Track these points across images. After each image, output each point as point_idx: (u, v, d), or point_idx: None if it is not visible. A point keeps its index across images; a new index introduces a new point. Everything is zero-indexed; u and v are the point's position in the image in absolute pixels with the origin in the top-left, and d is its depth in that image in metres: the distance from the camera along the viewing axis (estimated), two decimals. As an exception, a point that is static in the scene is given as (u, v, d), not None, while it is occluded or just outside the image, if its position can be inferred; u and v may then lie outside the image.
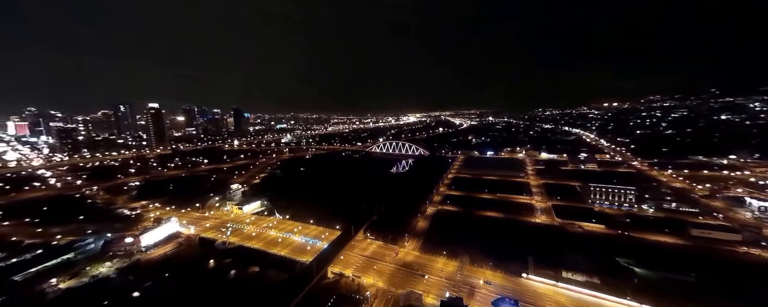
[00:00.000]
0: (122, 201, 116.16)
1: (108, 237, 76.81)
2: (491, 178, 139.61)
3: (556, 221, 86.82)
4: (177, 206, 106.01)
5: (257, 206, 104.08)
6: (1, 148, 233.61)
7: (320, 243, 73.53)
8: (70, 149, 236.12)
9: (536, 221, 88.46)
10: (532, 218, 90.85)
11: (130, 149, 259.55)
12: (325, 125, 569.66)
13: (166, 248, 75.81)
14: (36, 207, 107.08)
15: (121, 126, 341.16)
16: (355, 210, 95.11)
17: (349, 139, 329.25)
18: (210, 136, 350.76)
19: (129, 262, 68.34)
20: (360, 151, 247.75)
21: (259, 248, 72.79)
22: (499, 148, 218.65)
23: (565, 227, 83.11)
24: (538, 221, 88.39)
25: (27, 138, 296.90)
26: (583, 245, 70.90)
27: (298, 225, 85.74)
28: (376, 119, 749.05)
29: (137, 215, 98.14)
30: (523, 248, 67.82)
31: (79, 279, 62.07)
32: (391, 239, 73.89)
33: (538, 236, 77.03)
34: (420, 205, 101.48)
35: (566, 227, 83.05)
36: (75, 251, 71.49)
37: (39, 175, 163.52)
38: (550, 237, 76.64)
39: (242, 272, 65.05)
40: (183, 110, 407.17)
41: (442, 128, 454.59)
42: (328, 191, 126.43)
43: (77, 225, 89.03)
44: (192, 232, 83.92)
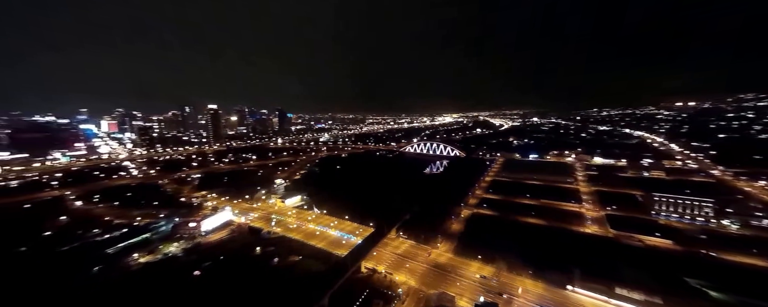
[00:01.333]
0: (186, 191, 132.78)
1: (176, 221, 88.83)
2: (534, 182, 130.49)
3: (609, 233, 78.27)
4: (230, 196, 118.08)
5: (298, 201, 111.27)
6: (97, 142, 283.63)
7: (354, 238, 76.22)
8: (147, 144, 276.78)
9: (585, 231, 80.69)
10: (581, 227, 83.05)
11: (193, 145, 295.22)
12: (361, 125, 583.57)
13: (222, 233, 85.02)
14: (122, 193, 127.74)
15: (186, 124, 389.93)
16: (388, 209, 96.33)
17: (384, 139, 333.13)
18: (257, 135, 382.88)
19: (192, 244, 78.20)
20: (394, 151, 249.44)
21: (299, 239, 77.90)
22: (544, 151, 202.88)
23: (621, 239, 74.50)
24: (587, 231, 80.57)
25: (115, 134, 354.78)
26: (642, 261, 62.92)
27: (334, 220, 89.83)
28: (411, 120, 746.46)
29: (198, 204, 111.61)
30: (569, 258, 62.47)
31: (154, 256, 72.79)
32: (424, 240, 73.59)
33: (587, 248, 70.26)
34: (454, 207, 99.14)
35: (622, 239, 74.40)
36: (151, 231, 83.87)
37: (124, 166, 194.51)
38: (601, 249, 69.45)
39: (284, 260, 70.25)
40: (235, 111, 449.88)
41: (480, 129, 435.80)
42: (362, 189, 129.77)
43: (153, 209, 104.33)
44: (242, 221, 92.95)
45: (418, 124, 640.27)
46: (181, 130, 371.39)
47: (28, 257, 72.58)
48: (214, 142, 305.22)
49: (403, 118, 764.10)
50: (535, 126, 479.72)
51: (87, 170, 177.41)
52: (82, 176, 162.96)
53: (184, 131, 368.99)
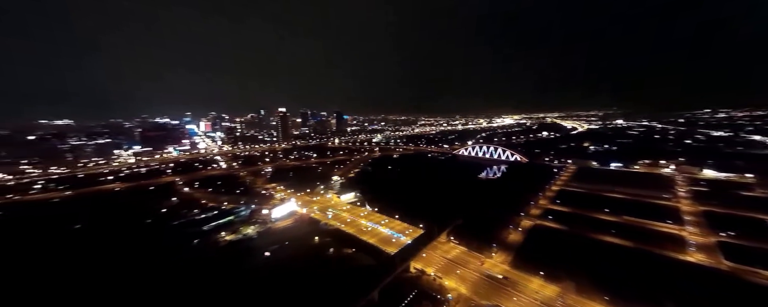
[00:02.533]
0: (260, 182, 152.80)
1: (252, 208, 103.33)
2: (615, 195, 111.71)
3: (722, 264, 62.20)
4: (294, 189, 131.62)
5: (352, 197, 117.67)
6: (197, 140, 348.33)
7: (404, 238, 77.07)
8: (232, 142, 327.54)
9: (686, 259, 65.72)
10: (680, 253, 67.96)
11: (266, 143, 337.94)
12: (413, 127, 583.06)
13: (287, 222, 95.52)
14: (214, 181, 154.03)
15: (261, 125, 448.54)
16: (439, 211, 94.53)
17: (436, 141, 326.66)
18: (318, 135, 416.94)
19: (264, 228, 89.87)
20: (446, 154, 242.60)
21: (352, 233, 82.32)
22: (630, 160, 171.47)
23: (740, 274, 58.38)
24: (689, 260, 65.50)
25: (210, 133, 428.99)
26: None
27: (384, 218, 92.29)
28: (465, 121, 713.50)
29: (269, 194, 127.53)
30: (660, 288, 51.85)
31: (236, 235, 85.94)
32: (477, 247, 70.05)
33: (688, 279, 57.16)
34: (513, 216, 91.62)
35: (741, 274, 58.25)
36: (234, 214, 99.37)
37: (215, 159, 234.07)
38: (708, 283, 55.69)
39: (338, 251, 75.30)
40: (300, 113, 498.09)
41: (547, 132, 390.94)
42: (412, 190, 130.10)
43: (235, 196, 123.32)
44: (304, 212, 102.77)
45: (473, 126, 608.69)
46: (257, 130, 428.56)
47: (151, 227, 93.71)
48: (282, 141, 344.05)
49: (457, 120, 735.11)
50: (619, 130, 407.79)
51: (190, 162, 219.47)
52: (186, 166, 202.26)
53: (259, 131, 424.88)
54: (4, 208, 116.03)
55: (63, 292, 59.23)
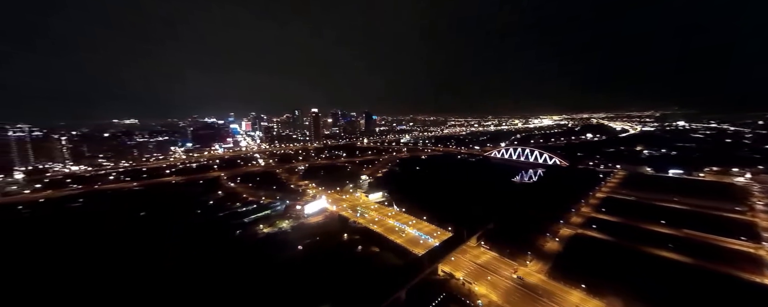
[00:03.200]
0: (294, 179, 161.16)
1: (287, 203, 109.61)
2: (674, 206, 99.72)
3: (818, 293, 52.38)
4: (325, 187, 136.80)
5: (379, 197, 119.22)
6: (239, 138, 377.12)
7: (432, 240, 76.42)
8: (270, 141, 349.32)
9: (765, 283, 56.49)
10: (756, 275, 58.72)
11: (299, 142, 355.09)
12: (442, 127, 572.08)
13: (318, 218, 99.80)
14: (253, 177, 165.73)
15: (295, 125, 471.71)
16: (469, 215, 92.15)
17: (466, 142, 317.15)
18: (347, 135, 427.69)
19: (297, 223, 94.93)
20: (477, 156, 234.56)
21: (380, 232, 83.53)
22: (694, 166, 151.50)
23: None
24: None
25: (250, 132, 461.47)
26: None
27: (412, 219, 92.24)
28: (498, 122, 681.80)
29: (302, 191, 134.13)
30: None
31: (272, 228, 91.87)
32: (510, 254, 67.14)
33: None
34: (550, 223, 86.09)
35: None
36: (271, 209, 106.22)
37: (255, 157, 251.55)
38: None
39: (366, 249, 77.01)
40: (331, 114, 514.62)
41: (591, 134, 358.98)
42: (440, 192, 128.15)
43: (272, 192, 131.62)
44: (334, 209, 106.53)
45: (506, 127, 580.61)
46: (291, 130, 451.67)
47: (200, 217, 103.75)
48: (314, 140, 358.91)
49: (489, 121, 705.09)
50: (680, 132, 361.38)
51: (233, 158, 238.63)
52: (230, 162, 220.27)
53: (293, 131, 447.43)
54: (86, 195, 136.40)
55: (131, 269, 68.29)
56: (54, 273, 67.32)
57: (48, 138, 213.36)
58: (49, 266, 70.56)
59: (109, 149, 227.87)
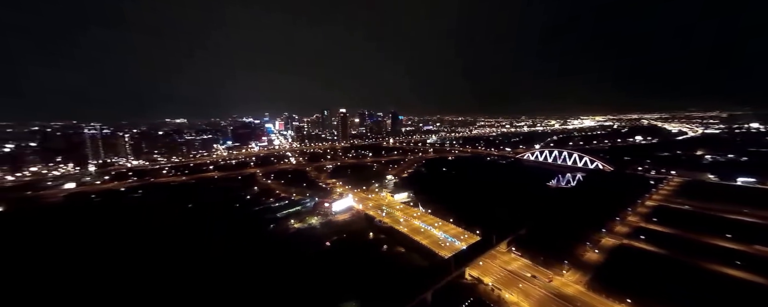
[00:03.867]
0: (322, 178, 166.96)
1: (316, 200, 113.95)
2: (742, 218, 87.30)
3: None
4: (351, 186, 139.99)
5: (405, 197, 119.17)
6: (273, 137, 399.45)
7: (458, 243, 74.83)
8: (300, 140, 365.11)
9: None
10: None
11: (327, 142, 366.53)
12: (470, 128, 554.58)
13: (345, 216, 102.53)
14: (285, 174, 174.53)
15: (324, 125, 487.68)
16: (498, 219, 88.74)
17: (496, 144, 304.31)
18: (373, 135, 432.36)
19: (325, 220, 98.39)
20: (509, 158, 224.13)
21: (405, 233, 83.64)
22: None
23: None
24: None
25: (282, 132, 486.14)
26: None
27: (438, 221, 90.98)
28: (532, 122, 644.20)
29: (330, 189, 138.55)
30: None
31: (302, 224, 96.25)
32: (544, 262, 63.50)
33: None
34: (590, 232, 79.86)
35: None
36: (301, 205, 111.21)
37: (287, 155, 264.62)
38: None
39: (391, 249, 77.58)
40: (358, 114, 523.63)
41: (641, 136, 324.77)
42: (468, 194, 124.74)
43: (302, 189, 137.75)
44: (360, 207, 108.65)
45: (541, 128, 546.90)
46: (320, 130, 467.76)
47: (239, 211, 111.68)
48: (341, 139, 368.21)
49: (522, 121, 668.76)
50: (753, 135, 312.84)
51: (267, 156, 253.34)
52: (264, 160, 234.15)
53: (322, 130, 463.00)
54: (144, 187, 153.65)
55: (179, 254, 75.79)
56: (121, 254, 76.98)
57: (114, 135, 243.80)
58: (116, 247, 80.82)
59: (162, 146, 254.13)
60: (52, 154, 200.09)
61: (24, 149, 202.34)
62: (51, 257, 75.15)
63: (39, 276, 66.60)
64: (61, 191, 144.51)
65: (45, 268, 70.14)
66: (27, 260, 74.10)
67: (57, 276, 66.64)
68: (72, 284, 62.87)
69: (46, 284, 63.65)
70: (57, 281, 64.87)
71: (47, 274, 67.61)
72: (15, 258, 74.89)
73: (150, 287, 61.61)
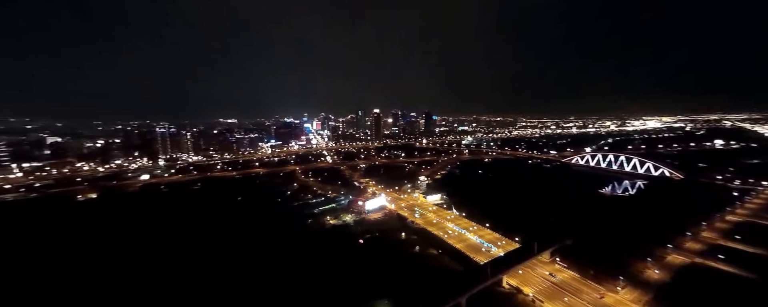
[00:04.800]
0: (356, 177, 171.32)
1: (350, 198, 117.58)
2: None
3: None
4: (384, 185, 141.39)
5: (438, 199, 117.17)
6: (311, 137, 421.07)
7: (495, 249, 71.51)
8: (336, 139, 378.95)
9: None
10: None
11: (361, 141, 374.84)
12: (510, 129, 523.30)
13: (378, 215, 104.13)
14: (322, 172, 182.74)
15: (358, 125, 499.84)
16: (540, 226, 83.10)
17: (540, 146, 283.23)
18: (406, 135, 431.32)
19: (358, 218, 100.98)
20: (554, 162, 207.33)
21: (438, 235, 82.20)
22: None
23: None
24: None
25: (319, 131, 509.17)
26: None
27: (473, 225, 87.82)
28: (583, 123, 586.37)
29: (363, 188, 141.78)
30: None
31: (337, 221, 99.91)
32: (594, 276, 57.82)
33: None
34: (652, 246, 70.61)
35: None
36: (336, 203, 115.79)
37: (323, 154, 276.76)
38: None
39: (424, 250, 76.95)
40: (391, 114, 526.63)
41: (722, 140, 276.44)
42: (506, 198, 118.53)
43: (336, 187, 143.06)
44: (392, 207, 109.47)
45: (594, 130, 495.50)
46: (354, 130, 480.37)
47: (280, 205, 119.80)
48: (375, 139, 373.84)
49: (571, 122, 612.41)
50: None
51: (305, 155, 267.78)
52: (303, 158, 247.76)
53: (356, 130, 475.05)
54: (202, 181, 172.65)
55: (230, 242, 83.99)
56: (183, 238, 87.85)
57: (178, 134, 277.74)
58: (179, 233, 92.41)
59: (217, 144, 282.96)
60: (131, 149, 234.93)
61: (111, 145, 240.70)
62: (128, 236, 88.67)
63: (123, 248, 78.98)
64: (137, 181, 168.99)
65: (126, 243, 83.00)
66: (110, 237, 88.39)
67: (136, 249, 78.41)
68: (148, 256, 73.50)
69: (129, 254, 75.23)
70: (136, 252, 76.31)
71: (129, 247, 79.90)
72: (101, 236, 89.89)
73: (207, 267, 69.31)
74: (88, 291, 60.82)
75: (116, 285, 62.84)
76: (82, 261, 73.57)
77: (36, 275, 67.69)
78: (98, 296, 59.29)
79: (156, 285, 62.61)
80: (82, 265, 71.67)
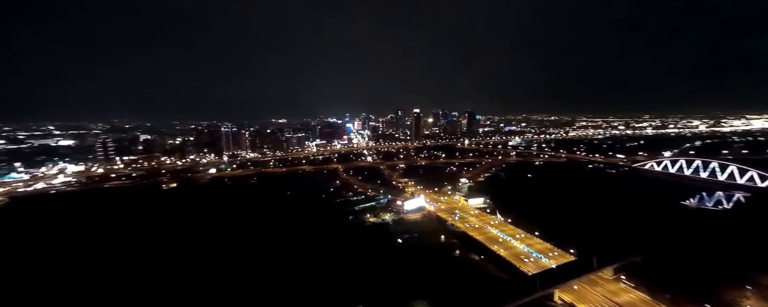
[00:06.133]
0: (395, 176, 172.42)
1: (389, 198, 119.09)
2: None
3: None
4: (423, 186, 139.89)
5: (480, 202, 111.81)
6: (352, 136, 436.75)
7: (546, 260, 65.79)
8: (375, 139, 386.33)
9: None
10: None
11: (400, 141, 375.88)
12: (566, 129, 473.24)
13: (416, 215, 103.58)
14: (362, 171, 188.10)
15: (398, 125, 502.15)
16: (601, 239, 73.98)
17: (603, 148, 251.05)
18: (447, 135, 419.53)
19: (397, 217, 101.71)
20: (622, 166, 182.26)
21: (480, 240, 78.49)
22: None
23: None
24: None
25: (360, 131, 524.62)
26: None
27: (520, 232, 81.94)
28: (662, 123, 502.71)
29: (402, 188, 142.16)
30: None
31: (376, 219, 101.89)
32: (671, 300, 49.60)
33: None
34: (753, 272, 57.70)
35: None
36: (375, 201, 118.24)
37: (363, 153, 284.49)
38: None
39: (465, 255, 74.34)
40: (432, 114, 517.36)
41: None
42: (560, 205, 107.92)
43: (376, 186, 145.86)
44: (431, 209, 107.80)
45: (676, 131, 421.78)
46: (394, 129, 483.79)
47: (323, 202, 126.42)
48: (414, 139, 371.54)
49: (646, 121, 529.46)
50: None
51: (347, 153, 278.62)
52: (344, 157, 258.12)
53: (396, 130, 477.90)
54: (258, 176, 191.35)
55: (281, 233, 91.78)
56: (243, 225, 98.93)
57: (239, 133, 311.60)
58: (241, 220, 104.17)
59: (269, 142, 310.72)
60: (202, 146, 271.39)
61: (186, 142, 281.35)
62: (202, 220, 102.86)
63: (199, 230, 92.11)
64: (207, 174, 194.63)
65: (200, 225, 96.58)
66: (190, 220, 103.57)
67: (207, 231, 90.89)
68: (215, 237, 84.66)
69: (202, 234, 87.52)
70: (207, 233, 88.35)
71: (203, 229, 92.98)
72: (183, 219, 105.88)
73: (260, 253, 76.99)
74: (175, 256, 73.41)
75: (194, 255, 74.70)
76: (169, 236, 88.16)
77: (140, 243, 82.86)
78: (182, 260, 71.35)
79: (219, 259, 72.30)
80: (168, 239, 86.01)
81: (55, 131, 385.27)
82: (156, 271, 69.33)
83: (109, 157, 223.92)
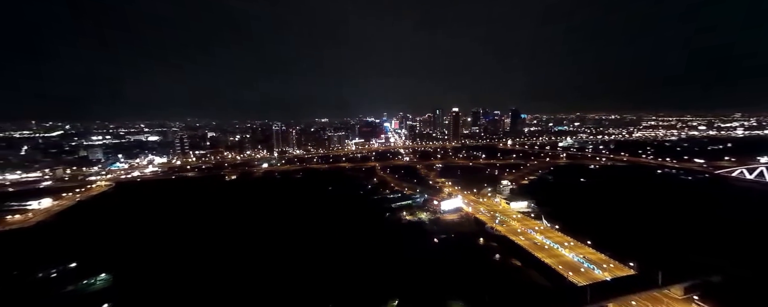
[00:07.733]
0: (432, 176, 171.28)
1: (426, 197, 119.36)
2: None
3: None
4: (461, 187, 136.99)
5: (524, 206, 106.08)
6: (390, 135, 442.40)
7: (598, 272, 60.78)
8: (412, 138, 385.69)
9: None
10: None
11: (438, 141, 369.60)
12: (630, 129, 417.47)
13: (453, 216, 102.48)
14: (399, 170, 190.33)
15: (435, 124, 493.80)
16: (669, 253, 65.67)
17: (677, 152, 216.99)
18: (488, 135, 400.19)
19: (434, 217, 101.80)
20: (702, 172, 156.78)
21: (523, 246, 75.10)
22: None
23: None
24: None
25: (397, 130, 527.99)
26: None
27: (569, 240, 76.39)
28: (757, 122, 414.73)
29: (439, 187, 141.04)
30: None
31: (413, 217, 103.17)
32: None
33: None
34: None
35: None
36: (412, 200, 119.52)
37: (400, 152, 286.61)
38: None
39: (505, 260, 72.08)
40: (472, 113, 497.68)
41: None
42: (618, 214, 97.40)
43: (413, 185, 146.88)
44: (469, 210, 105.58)
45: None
46: (431, 129, 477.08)
47: (362, 198, 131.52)
48: (452, 139, 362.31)
49: (736, 120, 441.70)
50: None
51: (384, 152, 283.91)
52: (382, 155, 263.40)
53: (433, 129, 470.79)
54: (303, 171, 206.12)
55: (322, 227, 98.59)
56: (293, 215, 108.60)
57: (287, 131, 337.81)
58: (290, 211, 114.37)
59: (313, 140, 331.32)
60: (256, 143, 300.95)
61: (244, 139, 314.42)
62: (259, 208, 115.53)
63: (258, 217, 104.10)
64: (260, 169, 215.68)
65: (258, 213, 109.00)
66: (250, 207, 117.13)
67: (263, 218, 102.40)
68: (269, 225, 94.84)
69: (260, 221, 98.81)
70: (263, 221, 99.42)
71: (260, 216, 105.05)
72: (244, 206, 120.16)
73: (307, 246, 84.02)
74: (232, 239, 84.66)
75: (254, 239, 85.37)
76: (234, 221, 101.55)
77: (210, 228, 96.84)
78: (245, 242, 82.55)
79: (269, 246, 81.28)
80: (233, 224, 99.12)
81: (145, 129, 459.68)
82: (219, 245, 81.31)
83: (185, 151, 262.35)
